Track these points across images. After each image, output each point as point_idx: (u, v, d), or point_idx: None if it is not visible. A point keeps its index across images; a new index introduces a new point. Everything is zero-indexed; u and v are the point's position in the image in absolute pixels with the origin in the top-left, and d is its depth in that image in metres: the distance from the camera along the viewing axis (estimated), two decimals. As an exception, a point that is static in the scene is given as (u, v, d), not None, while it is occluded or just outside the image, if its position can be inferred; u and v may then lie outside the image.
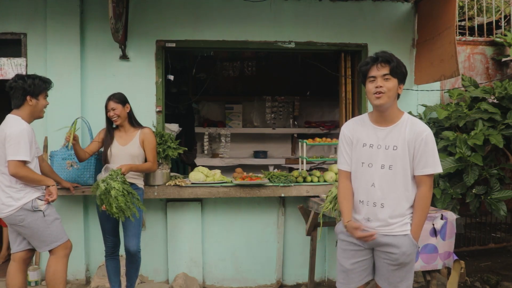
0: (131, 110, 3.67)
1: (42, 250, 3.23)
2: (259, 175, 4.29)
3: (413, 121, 2.49)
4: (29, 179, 3.09)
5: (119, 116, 3.57)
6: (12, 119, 3.11)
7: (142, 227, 4.27)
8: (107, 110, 3.60)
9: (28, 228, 3.12)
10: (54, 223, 3.19)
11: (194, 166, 5.75)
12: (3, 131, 3.06)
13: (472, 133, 4.04)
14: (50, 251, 3.22)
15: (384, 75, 2.43)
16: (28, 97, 3.14)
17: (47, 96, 3.28)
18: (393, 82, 2.43)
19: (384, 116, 2.51)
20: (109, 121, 3.64)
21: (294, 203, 4.34)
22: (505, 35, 5.11)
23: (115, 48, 4.29)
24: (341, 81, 4.79)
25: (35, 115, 3.22)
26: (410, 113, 4.52)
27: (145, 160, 3.65)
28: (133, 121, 3.69)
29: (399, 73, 2.45)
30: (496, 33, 5.48)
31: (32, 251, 3.32)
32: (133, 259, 3.56)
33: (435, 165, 2.44)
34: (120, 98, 3.60)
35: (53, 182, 3.24)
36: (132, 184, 3.52)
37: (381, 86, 2.42)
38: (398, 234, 2.48)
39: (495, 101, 4.36)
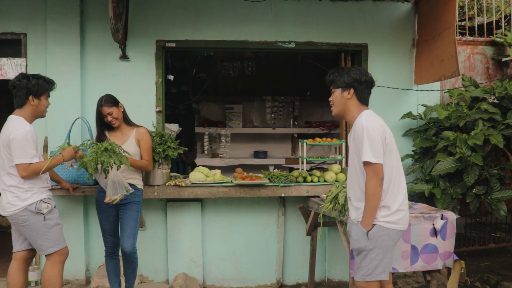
0: (124, 109, 3.65)
1: (40, 253, 3.26)
2: (259, 175, 4.29)
3: (361, 117, 2.67)
4: (42, 171, 3.10)
5: (117, 118, 3.55)
6: (15, 120, 3.11)
7: (142, 227, 4.28)
8: (102, 117, 3.53)
9: (28, 230, 3.12)
10: (54, 228, 3.19)
11: (194, 166, 5.74)
12: (7, 133, 3.06)
13: (472, 133, 4.04)
14: (46, 255, 3.22)
15: (331, 90, 2.82)
16: (30, 97, 3.14)
17: (49, 96, 3.28)
18: (336, 92, 2.77)
19: (347, 121, 2.82)
20: (100, 126, 3.59)
21: (294, 203, 4.34)
22: (505, 35, 5.11)
23: (115, 48, 4.29)
24: (341, 81, 4.78)
25: (37, 115, 3.24)
26: (410, 113, 4.53)
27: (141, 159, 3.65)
28: (128, 120, 3.67)
29: (338, 83, 2.75)
30: (496, 33, 5.48)
31: (33, 251, 3.32)
32: (129, 259, 3.55)
33: (363, 154, 2.57)
34: (112, 101, 3.54)
35: (61, 156, 3.22)
36: (131, 185, 3.51)
37: (330, 100, 2.82)
38: (354, 222, 2.73)
39: (495, 101, 4.36)
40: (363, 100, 2.75)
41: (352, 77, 2.70)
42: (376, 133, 2.58)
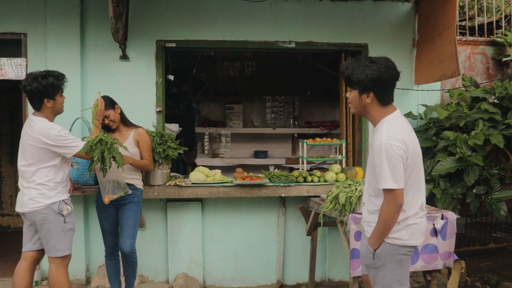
0: (121, 110, 3.63)
1: (49, 254, 3.20)
2: (260, 175, 4.29)
3: (381, 127, 2.34)
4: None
5: (114, 121, 3.53)
6: (41, 122, 3.09)
7: (142, 227, 4.28)
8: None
9: (45, 229, 3.10)
10: (69, 232, 3.20)
11: (194, 166, 5.74)
12: (35, 134, 3.05)
13: (473, 133, 4.04)
14: (51, 257, 3.18)
15: (348, 87, 2.45)
16: (45, 100, 3.12)
17: (62, 92, 3.24)
18: (353, 93, 2.40)
19: (369, 121, 2.51)
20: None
21: (295, 203, 4.34)
22: (506, 35, 5.11)
23: (115, 48, 4.29)
24: (341, 81, 4.79)
25: (56, 113, 3.24)
26: (410, 113, 4.52)
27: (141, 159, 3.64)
28: (125, 121, 3.66)
29: (354, 83, 2.35)
30: (496, 33, 5.47)
31: (43, 252, 3.29)
32: (128, 259, 3.54)
33: (380, 180, 2.28)
34: (108, 103, 3.51)
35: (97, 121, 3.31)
36: (130, 185, 3.52)
37: (347, 97, 2.46)
38: (366, 233, 2.51)
39: (495, 101, 4.36)
40: (385, 101, 2.38)
41: (370, 78, 2.30)
42: (397, 154, 2.24)
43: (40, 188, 3.08)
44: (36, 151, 3.07)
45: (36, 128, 3.07)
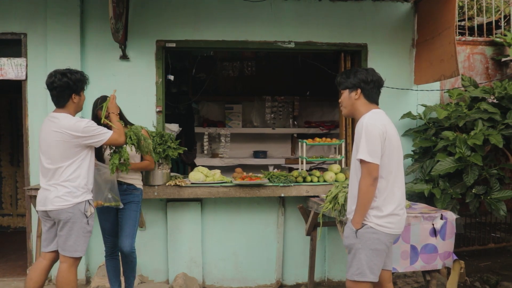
0: (120, 110, 3.61)
1: (65, 254, 3.15)
2: (259, 175, 4.29)
3: (365, 116, 2.68)
4: (121, 128, 3.27)
5: None
6: (66, 117, 3.09)
7: (142, 227, 4.28)
8: (99, 119, 3.45)
9: (68, 228, 3.08)
10: (87, 234, 3.19)
11: (194, 166, 5.75)
12: (62, 129, 3.04)
13: (472, 133, 4.04)
14: (64, 256, 3.15)
15: (340, 92, 2.86)
16: (73, 96, 3.13)
17: (85, 89, 3.27)
18: (344, 93, 2.81)
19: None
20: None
21: (294, 203, 4.34)
22: (505, 35, 5.12)
23: (115, 48, 4.30)
24: (341, 81, 4.79)
25: (78, 111, 3.25)
26: (409, 113, 4.53)
27: (141, 159, 3.64)
28: (125, 121, 3.64)
29: (345, 84, 2.78)
30: (495, 33, 5.48)
31: None
32: (128, 259, 3.55)
33: (359, 151, 2.59)
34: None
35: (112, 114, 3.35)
36: (130, 185, 3.53)
37: (340, 101, 2.87)
38: (349, 219, 2.74)
39: (494, 101, 4.36)
40: (371, 99, 2.75)
41: (359, 78, 2.72)
42: (376, 132, 2.56)
43: (68, 185, 3.06)
44: (64, 147, 3.05)
45: (62, 124, 3.06)
